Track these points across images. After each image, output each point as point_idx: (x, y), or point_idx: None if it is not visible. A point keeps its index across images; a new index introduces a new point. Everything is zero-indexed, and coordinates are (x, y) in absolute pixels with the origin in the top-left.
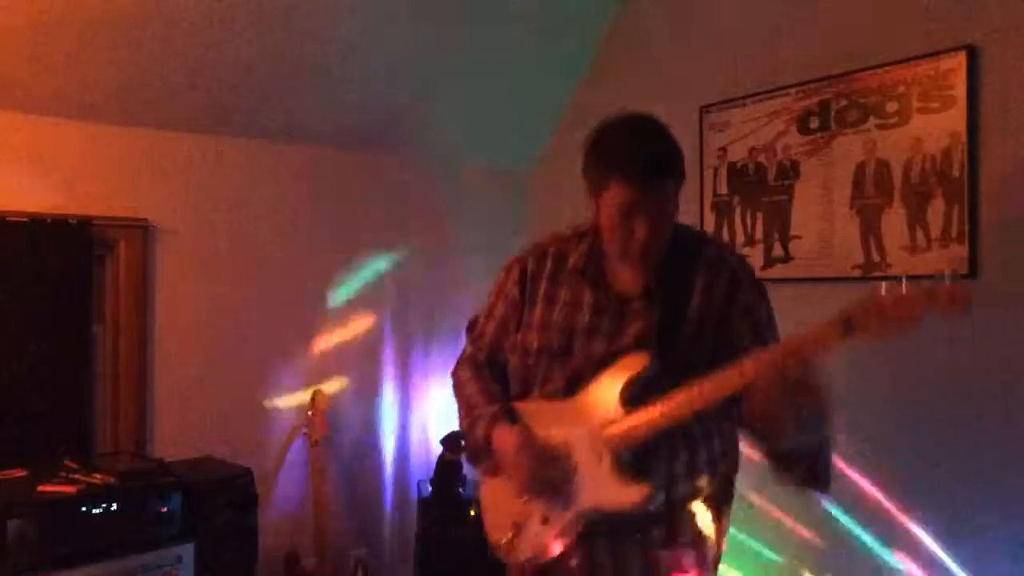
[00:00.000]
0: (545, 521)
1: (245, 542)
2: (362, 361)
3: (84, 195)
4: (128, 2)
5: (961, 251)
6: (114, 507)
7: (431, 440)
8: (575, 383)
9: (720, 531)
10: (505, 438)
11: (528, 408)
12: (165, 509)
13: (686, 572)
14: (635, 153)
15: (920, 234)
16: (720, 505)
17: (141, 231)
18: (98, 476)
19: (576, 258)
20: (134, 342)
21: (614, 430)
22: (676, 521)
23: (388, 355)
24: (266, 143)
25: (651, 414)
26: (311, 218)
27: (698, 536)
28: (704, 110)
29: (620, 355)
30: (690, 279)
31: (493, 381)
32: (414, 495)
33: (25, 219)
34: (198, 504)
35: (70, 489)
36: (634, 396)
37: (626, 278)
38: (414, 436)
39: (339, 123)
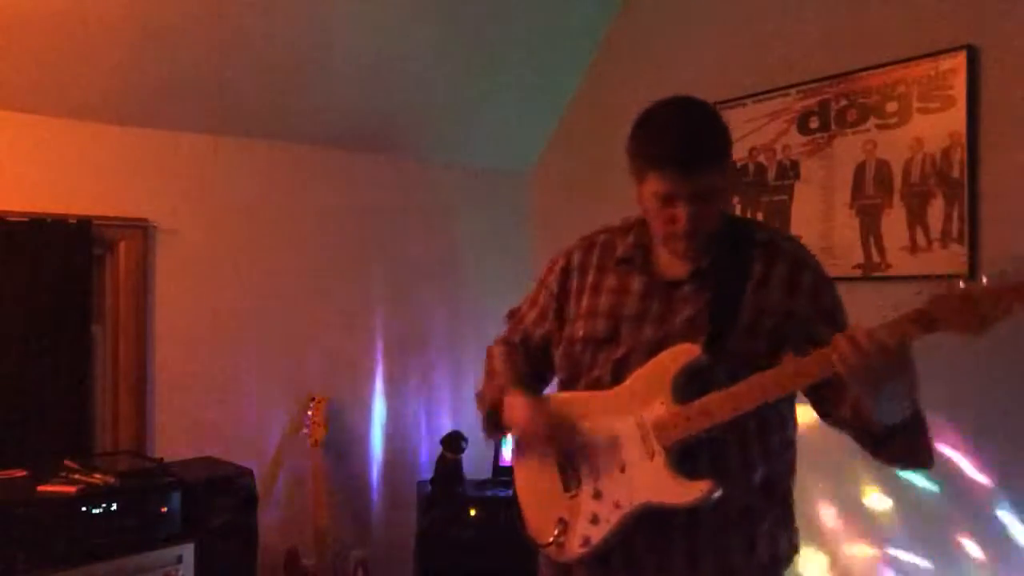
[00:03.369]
0: (595, 520)
1: (245, 542)
2: (363, 361)
3: (84, 195)
4: (127, 2)
5: (961, 251)
6: (114, 507)
7: (431, 440)
8: (621, 371)
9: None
10: (514, 403)
11: (567, 397)
12: (165, 509)
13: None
14: (668, 144)
15: (920, 234)
16: (777, 509)
17: (141, 231)
18: (98, 476)
19: (624, 247)
20: (134, 342)
21: (668, 425)
22: (724, 520)
23: (389, 355)
24: (266, 143)
25: (710, 406)
26: (311, 218)
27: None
28: None
29: (669, 341)
30: (745, 266)
31: (522, 360)
32: (414, 495)
33: (25, 219)
34: (198, 504)
35: (70, 489)
36: (684, 387)
37: (674, 264)
38: (414, 436)
39: (339, 123)
